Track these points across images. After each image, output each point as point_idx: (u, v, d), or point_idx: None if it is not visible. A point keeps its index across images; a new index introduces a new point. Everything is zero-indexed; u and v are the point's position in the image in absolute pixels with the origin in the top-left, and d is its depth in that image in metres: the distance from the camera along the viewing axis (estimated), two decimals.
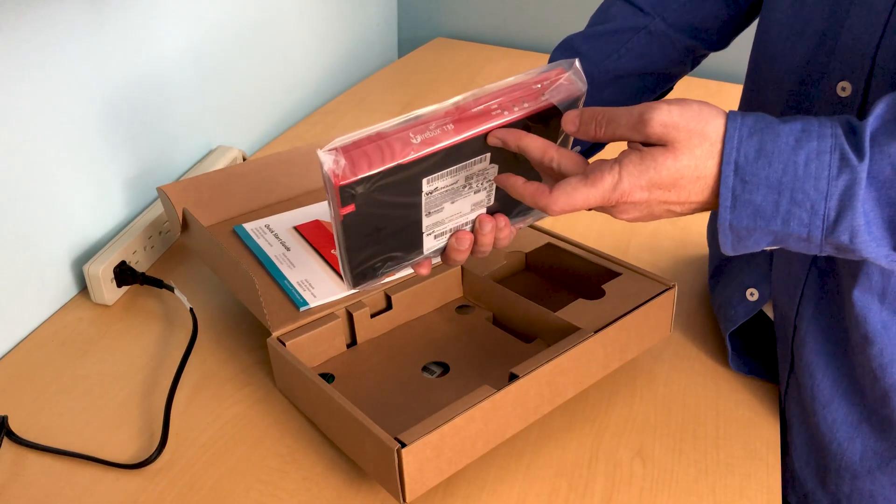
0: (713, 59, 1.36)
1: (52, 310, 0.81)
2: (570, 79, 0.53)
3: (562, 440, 0.65)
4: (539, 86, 0.53)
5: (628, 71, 0.68)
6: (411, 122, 0.51)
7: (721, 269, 0.78)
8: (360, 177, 0.49)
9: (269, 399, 0.69)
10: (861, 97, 0.55)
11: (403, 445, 0.54)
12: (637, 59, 0.68)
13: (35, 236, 0.78)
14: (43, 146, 0.77)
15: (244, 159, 1.05)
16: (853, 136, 0.44)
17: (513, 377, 0.60)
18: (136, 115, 0.90)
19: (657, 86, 0.71)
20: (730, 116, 0.46)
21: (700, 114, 0.46)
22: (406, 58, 1.47)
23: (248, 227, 0.84)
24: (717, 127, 0.46)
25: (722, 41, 0.72)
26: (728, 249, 0.48)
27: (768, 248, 0.47)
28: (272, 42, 1.16)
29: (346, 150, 0.48)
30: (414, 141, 0.50)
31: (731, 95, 1.29)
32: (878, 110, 0.44)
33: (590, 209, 0.50)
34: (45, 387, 0.71)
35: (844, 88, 0.56)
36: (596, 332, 0.65)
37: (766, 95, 0.64)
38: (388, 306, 0.73)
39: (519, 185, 0.51)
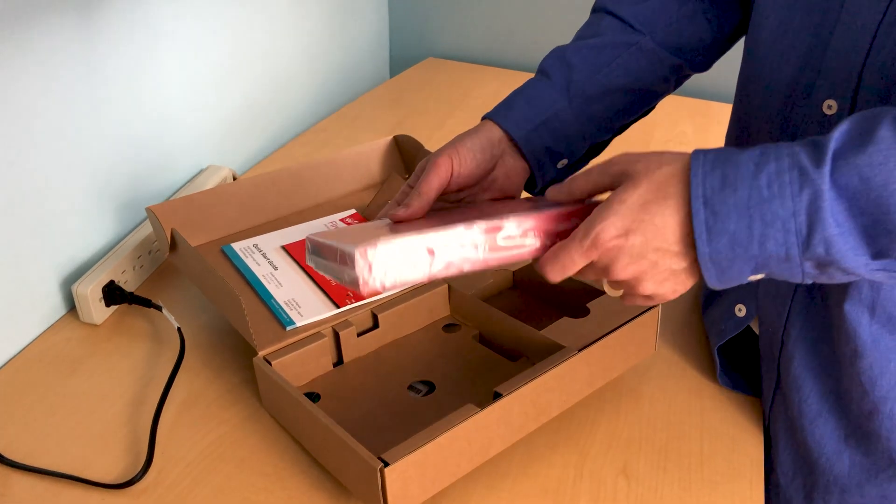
0: (702, 78, 1.37)
1: (40, 329, 0.81)
2: None
3: (546, 459, 0.66)
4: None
5: (617, 86, 0.69)
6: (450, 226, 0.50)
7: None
8: (385, 288, 0.49)
9: (255, 418, 0.70)
10: (847, 115, 0.56)
11: (386, 464, 0.54)
12: (626, 74, 0.69)
13: (24, 256, 0.78)
14: (32, 165, 0.78)
15: (234, 179, 1.06)
16: (814, 149, 0.45)
17: (497, 396, 0.61)
18: (126, 135, 0.91)
19: (643, 102, 0.72)
20: (693, 154, 0.48)
21: (659, 153, 0.50)
22: (398, 77, 1.48)
23: (237, 246, 0.84)
24: (674, 156, 0.48)
25: (706, 62, 0.73)
26: (714, 283, 0.49)
27: (754, 279, 0.48)
28: (264, 62, 1.17)
29: (382, 256, 0.48)
30: (447, 256, 0.50)
31: (719, 114, 1.30)
32: (844, 127, 0.45)
33: (591, 279, 0.53)
34: (32, 406, 0.72)
35: (830, 106, 0.57)
36: (580, 350, 0.65)
37: (754, 114, 0.65)
38: (375, 325, 0.74)
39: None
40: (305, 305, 0.74)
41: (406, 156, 0.97)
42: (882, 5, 0.53)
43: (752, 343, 0.73)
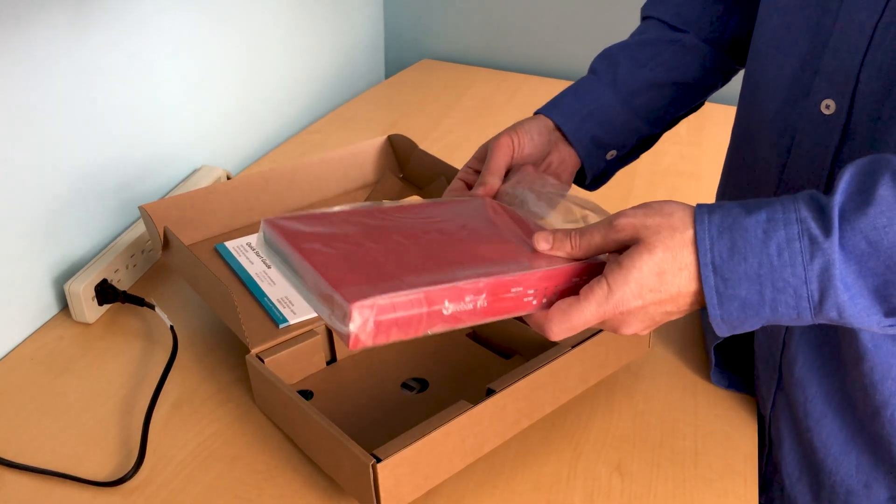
0: None
1: (32, 328, 0.81)
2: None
3: (540, 455, 0.65)
4: (579, 280, 0.51)
5: (662, 80, 0.71)
6: (450, 280, 0.45)
7: None
8: (377, 344, 0.44)
9: (247, 416, 0.69)
10: (846, 115, 0.56)
11: (379, 461, 0.54)
12: (670, 69, 0.71)
13: (16, 254, 0.78)
14: (25, 163, 0.78)
15: (229, 179, 1.06)
16: (821, 214, 0.45)
17: (490, 392, 0.60)
18: (120, 135, 0.90)
19: (689, 97, 0.74)
20: (697, 216, 0.47)
21: (662, 208, 0.49)
22: (392, 78, 1.48)
23: (230, 245, 0.84)
24: (682, 218, 0.48)
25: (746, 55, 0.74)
26: (724, 334, 0.49)
27: None
28: (259, 62, 1.17)
29: (380, 314, 0.42)
30: (445, 311, 0.45)
31: (713, 114, 1.30)
32: (843, 184, 0.46)
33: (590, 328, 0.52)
34: (24, 405, 0.71)
35: (829, 106, 0.57)
36: (573, 346, 0.65)
37: (755, 113, 0.65)
38: None
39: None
40: (298, 303, 0.74)
41: (400, 155, 0.97)
42: (879, 5, 0.53)
43: (747, 342, 0.73)
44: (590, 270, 0.51)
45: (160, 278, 0.89)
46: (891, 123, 0.54)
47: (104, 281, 0.82)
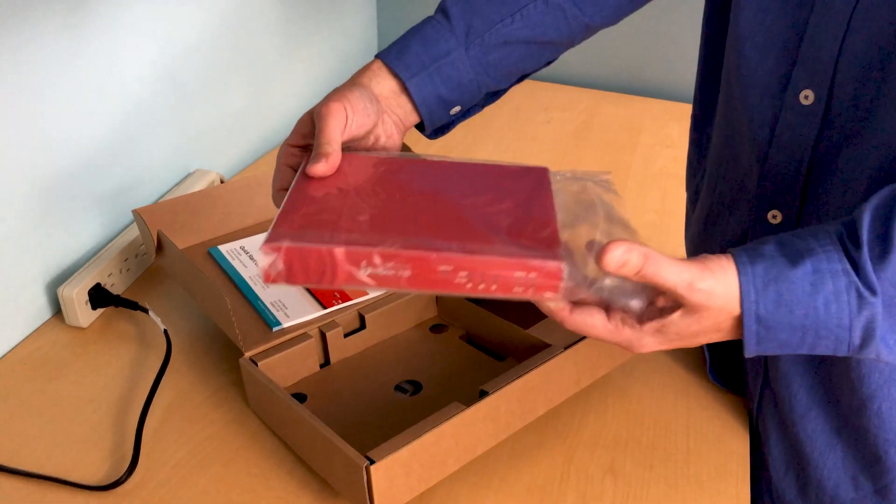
0: (687, 83, 1.39)
1: (25, 332, 0.81)
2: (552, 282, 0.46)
3: (533, 457, 0.66)
4: (523, 274, 0.46)
5: (519, 38, 0.66)
6: (370, 241, 0.46)
7: None
8: (291, 284, 0.47)
9: (241, 419, 0.69)
10: (824, 105, 0.57)
11: (372, 462, 0.54)
12: (529, 27, 0.66)
13: (9, 259, 0.78)
14: (18, 167, 0.77)
15: (222, 182, 1.06)
16: (862, 269, 0.46)
17: (483, 394, 0.61)
18: (113, 139, 0.91)
19: (543, 55, 0.70)
20: (740, 269, 0.47)
21: (713, 273, 0.48)
22: None
23: (224, 248, 0.84)
24: (727, 289, 0.48)
25: (614, 16, 0.70)
26: (750, 356, 0.51)
27: None
28: (252, 65, 1.17)
29: (288, 255, 0.46)
30: (362, 272, 0.46)
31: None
32: (865, 234, 0.47)
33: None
34: (17, 410, 0.71)
35: (807, 97, 0.58)
36: (566, 348, 0.65)
37: (735, 105, 0.65)
38: (362, 326, 0.74)
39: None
40: (292, 306, 0.74)
41: None
42: None
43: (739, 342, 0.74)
44: (534, 267, 0.46)
45: (154, 282, 0.89)
46: (869, 113, 0.54)
47: (98, 285, 0.82)
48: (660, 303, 0.50)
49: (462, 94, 0.65)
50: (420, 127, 0.67)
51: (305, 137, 0.60)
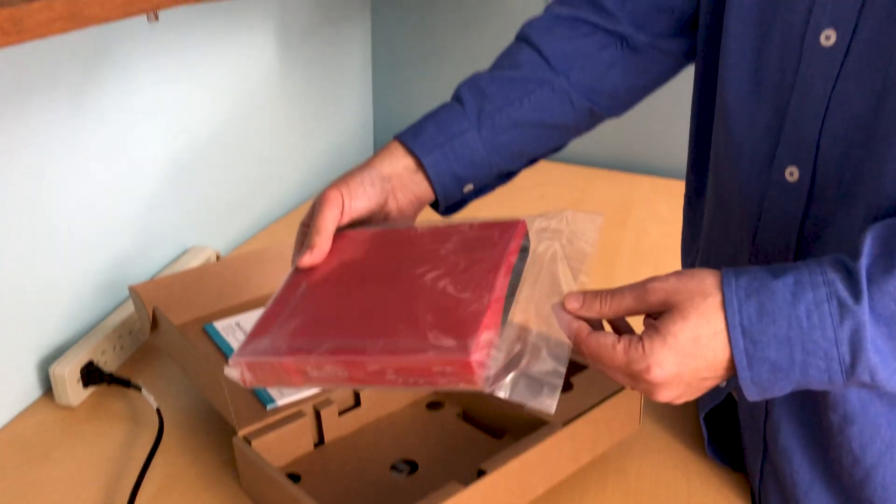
0: (677, 160, 1.42)
1: (13, 413, 0.79)
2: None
3: None
4: (441, 369, 0.46)
5: (528, 121, 0.69)
6: (311, 346, 0.50)
7: None
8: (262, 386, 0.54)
9: (234, 501, 0.68)
10: (809, 181, 0.58)
11: None
12: (537, 111, 0.69)
13: (1, 336, 0.77)
14: (12, 241, 0.78)
15: (218, 259, 1.06)
16: (848, 277, 0.46)
17: (481, 473, 0.60)
18: (111, 215, 0.91)
19: (552, 139, 0.72)
20: (724, 279, 0.48)
21: (693, 275, 0.49)
22: None
23: (219, 325, 0.84)
24: (712, 283, 0.48)
25: (618, 108, 0.74)
26: (754, 398, 0.49)
27: None
28: (250, 144, 1.19)
29: (249, 368, 0.51)
30: (312, 374, 0.50)
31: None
32: (867, 247, 0.47)
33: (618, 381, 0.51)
34: (3, 493, 0.69)
35: (792, 173, 0.59)
36: (564, 424, 0.64)
37: (724, 180, 0.67)
38: (357, 403, 0.73)
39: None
40: None
41: None
42: (833, 74, 0.55)
43: (735, 413, 0.73)
44: (450, 361, 0.46)
45: (147, 359, 0.88)
46: (852, 188, 0.56)
47: (90, 363, 0.81)
48: (647, 321, 0.50)
49: (475, 173, 0.68)
50: (434, 205, 0.69)
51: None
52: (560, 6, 0.72)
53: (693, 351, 0.48)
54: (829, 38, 0.55)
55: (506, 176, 0.74)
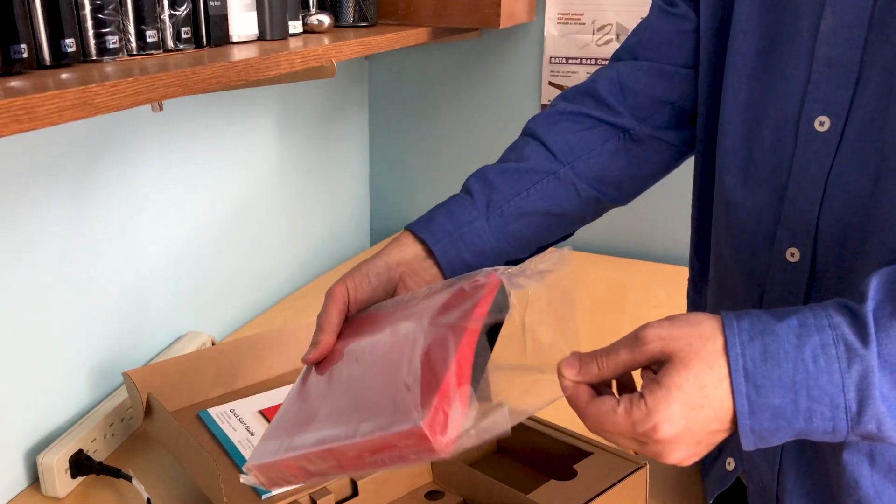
0: (675, 245, 1.43)
1: None
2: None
3: None
4: (403, 443, 0.46)
5: (535, 210, 0.71)
6: (300, 446, 0.51)
7: None
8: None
9: None
10: (810, 261, 0.59)
11: None
12: (543, 200, 0.71)
13: None
14: (4, 323, 0.77)
15: (213, 344, 1.05)
16: (854, 321, 0.45)
17: None
18: (106, 299, 0.91)
19: (560, 227, 0.74)
20: (725, 322, 0.46)
21: (688, 319, 0.48)
22: (377, 246, 1.52)
23: (213, 412, 0.82)
24: (711, 326, 0.47)
25: (623, 197, 0.76)
26: (750, 447, 0.47)
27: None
28: (247, 231, 1.20)
29: (259, 471, 0.53)
30: (311, 467, 0.51)
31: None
32: (872, 291, 0.46)
33: (625, 447, 0.48)
34: None
35: (793, 254, 0.60)
36: None
37: (725, 262, 0.68)
38: (354, 493, 0.71)
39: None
40: None
41: None
42: (828, 157, 0.57)
43: (744, 500, 0.71)
44: (407, 436, 0.45)
45: (139, 447, 0.86)
46: (853, 266, 0.56)
47: (80, 452, 0.79)
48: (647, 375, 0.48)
49: (484, 261, 0.69)
50: None
51: None
52: (563, 102, 0.75)
53: (700, 401, 0.45)
54: (822, 124, 0.57)
55: (514, 262, 0.74)
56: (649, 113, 0.72)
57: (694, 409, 0.45)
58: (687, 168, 0.78)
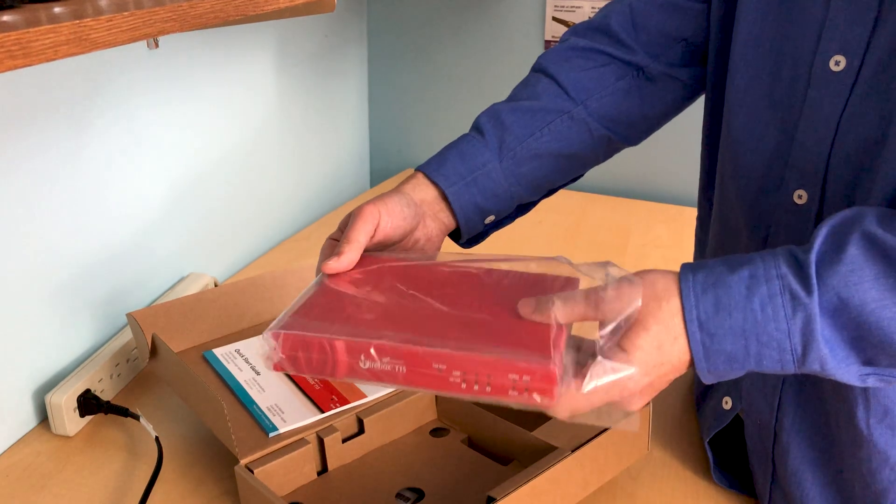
0: (675, 185, 1.42)
1: (8, 443, 0.78)
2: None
3: None
4: (517, 377, 0.46)
5: (547, 151, 0.70)
6: (370, 335, 0.48)
7: (699, 380, 0.78)
8: (294, 371, 0.49)
9: None
10: (818, 204, 0.58)
11: None
12: (556, 141, 0.70)
13: None
14: (8, 267, 0.77)
15: (216, 286, 1.05)
16: (799, 271, 0.47)
17: (490, 501, 0.58)
18: (107, 243, 0.90)
19: (571, 169, 0.74)
20: (681, 275, 0.49)
21: (644, 279, 0.50)
22: (377, 188, 1.51)
23: (218, 352, 0.83)
24: (665, 286, 0.49)
25: (635, 137, 0.75)
26: (709, 382, 0.50)
27: None
28: (247, 171, 1.19)
29: (291, 343, 0.48)
30: (362, 365, 0.48)
31: (692, 218, 1.33)
32: (818, 241, 0.48)
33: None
34: None
35: (801, 196, 0.59)
36: (573, 450, 0.64)
37: (729, 204, 0.67)
38: (361, 430, 0.72)
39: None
40: (289, 411, 0.72)
41: None
42: (842, 99, 0.56)
43: (742, 437, 0.72)
44: (530, 368, 0.46)
45: (145, 387, 0.87)
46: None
47: (87, 391, 0.79)
48: None
49: (497, 204, 0.69)
50: (454, 236, 0.70)
51: (341, 233, 0.62)
52: (575, 37, 0.73)
53: (659, 359, 0.48)
54: (838, 63, 0.56)
55: (524, 207, 0.75)
56: (662, 50, 0.71)
57: (654, 367, 0.48)
58: (689, 108, 0.76)
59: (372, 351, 0.47)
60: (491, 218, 0.70)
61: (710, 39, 0.69)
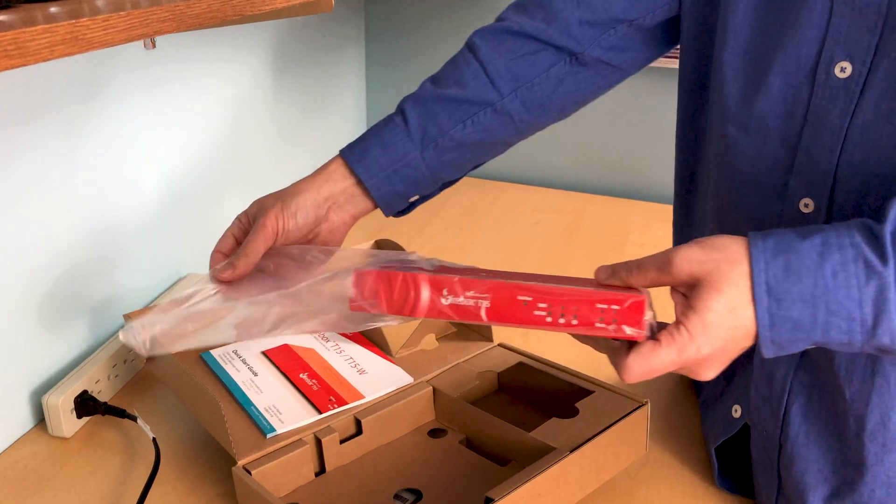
0: (652, 182, 1.42)
1: (4, 445, 0.77)
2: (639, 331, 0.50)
3: None
4: (605, 307, 0.50)
5: (470, 141, 0.72)
6: (461, 272, 0.51)
7: (707, 385, 0.78)
8: (373, 311, 0.52)
9: None
10: (825, 213, 0.57)
11: None
12: (480, 132, 0.72)
13: None
14: (5, 268, 0.77)
15: None
16: (874, 241, 0.47)
17: (488, 501, 0.58)
18: (104, 245, 0.90)
19: (495, 152, 0.76)
20: (751, 240, 0.49)
21: (714, 243, 0.49)
22: None
23: (216, 353, 0.82)
24: (737, 249, 0.49)
25: (563, 118, 0.76)
26: (769, 355, 0.49)
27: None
28: (244, 171, 1.19)
29: (375, 279, 0.51)
30: (444, 300, 0.50)
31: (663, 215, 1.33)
32: (892, 216, 0.47)
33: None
34: None
35: (807, 205, 0.58)
36: (571, 451, 0.63)
37: (729, 210, 0.66)
38: (358, 431, 0.72)
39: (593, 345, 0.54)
40: (286, 412, 0.72)
41: None
42: (850, 106, 0.55)
43: (747, 445, 0.72)
44: (615, 300, 0.49)
45: (143, 388, 0.86)
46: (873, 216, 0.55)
47: (84, 392, 0.79)
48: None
49: (419, 188, 0.72)
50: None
51: (246, 229, 0.69)
52: (514, 13, 0.73)
53: (733, 323, 0.48)
54: (844, 70, 0.55)
55: (449, 183, 0.77)
56: (602, 31, 0.70)
57: (728, 330, 0.48)
58: None
59: (457, 286, 0.49)
60: (415, 198, 0.73)
61: (684, 38, 0.68)
